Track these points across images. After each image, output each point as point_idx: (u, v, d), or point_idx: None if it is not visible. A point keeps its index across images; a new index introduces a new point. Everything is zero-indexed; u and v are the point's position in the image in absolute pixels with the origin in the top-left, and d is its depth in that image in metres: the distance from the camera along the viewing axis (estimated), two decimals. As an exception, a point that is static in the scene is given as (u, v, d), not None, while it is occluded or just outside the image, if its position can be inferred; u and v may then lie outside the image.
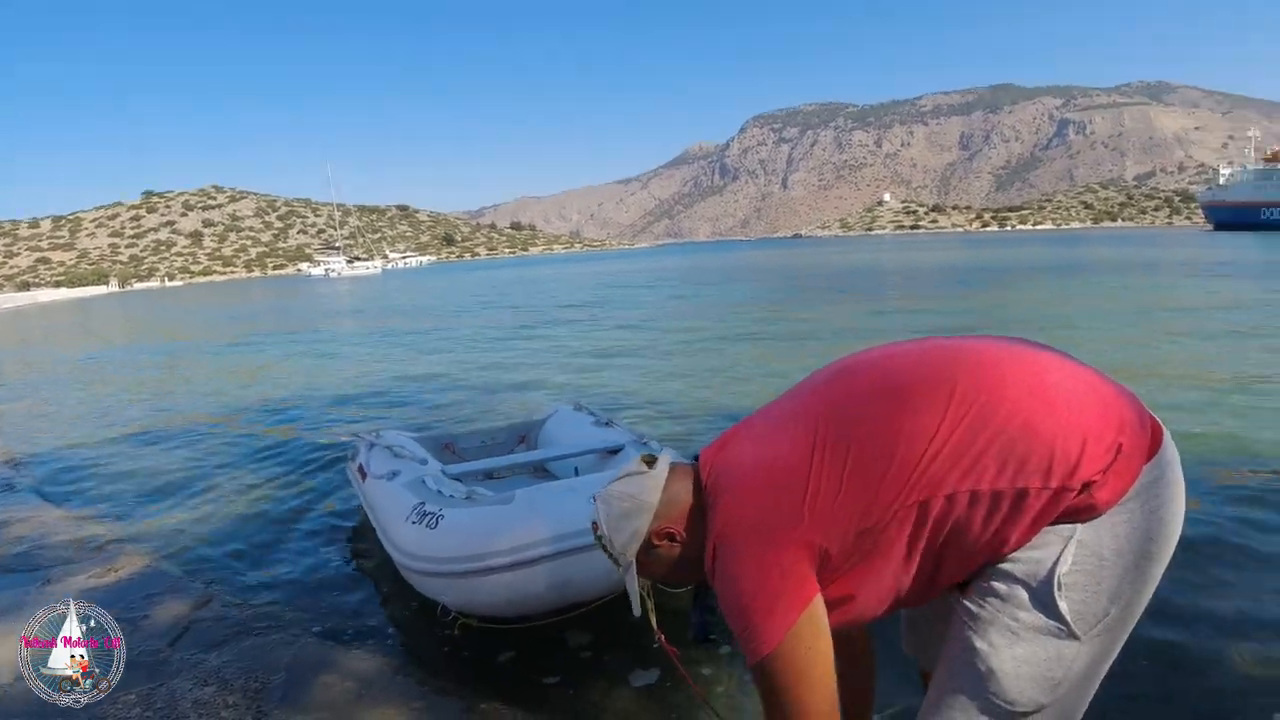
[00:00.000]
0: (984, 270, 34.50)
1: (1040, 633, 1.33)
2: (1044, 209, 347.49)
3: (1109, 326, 13.58)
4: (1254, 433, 6.24)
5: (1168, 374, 8.96)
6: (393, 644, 3.44)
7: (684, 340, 14.06)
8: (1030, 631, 1.33)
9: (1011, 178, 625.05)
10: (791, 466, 1.36)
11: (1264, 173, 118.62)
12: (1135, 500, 1.33)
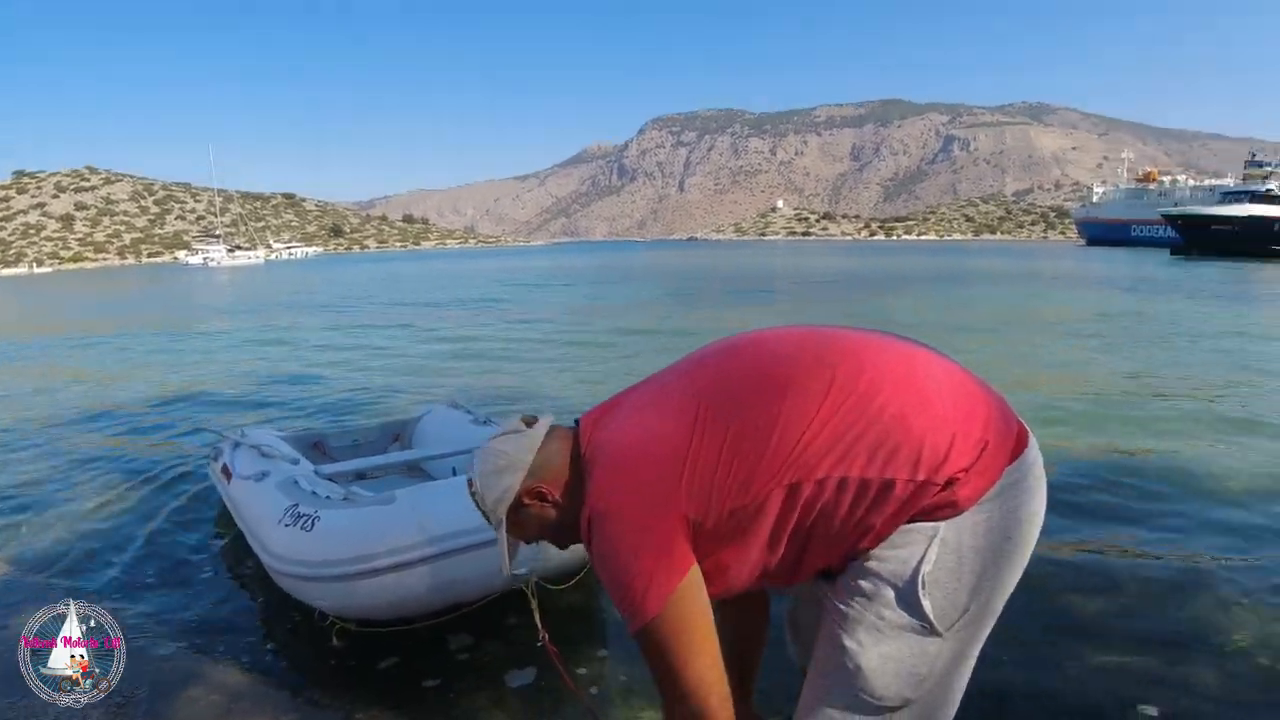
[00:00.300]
0: (872, 277, 35.68)
1: (905, 630, 1.35)
2: (928, 220, 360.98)
3: (984, 333, 14.17)
4: (1108, 436, 6.59)
5: (1033, 380, 9.38)
6: (264, 653, 3.27)
7: (576, 338, 13.98)
8: (895, 629, 1.35)
9: (899, 189, 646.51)
10: (670, 441, 1.37)
11: (1135, 192, 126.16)
12: (995, 500, 1.35)
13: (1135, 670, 3.05)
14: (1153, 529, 4.57)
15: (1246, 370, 10.38)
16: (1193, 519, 4.72)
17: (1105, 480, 5.46)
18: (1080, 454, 6.14)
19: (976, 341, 13.01)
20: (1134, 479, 5.52)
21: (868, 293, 26.10)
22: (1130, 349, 12.49)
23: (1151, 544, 4.33)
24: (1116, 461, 6.01)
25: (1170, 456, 6.13)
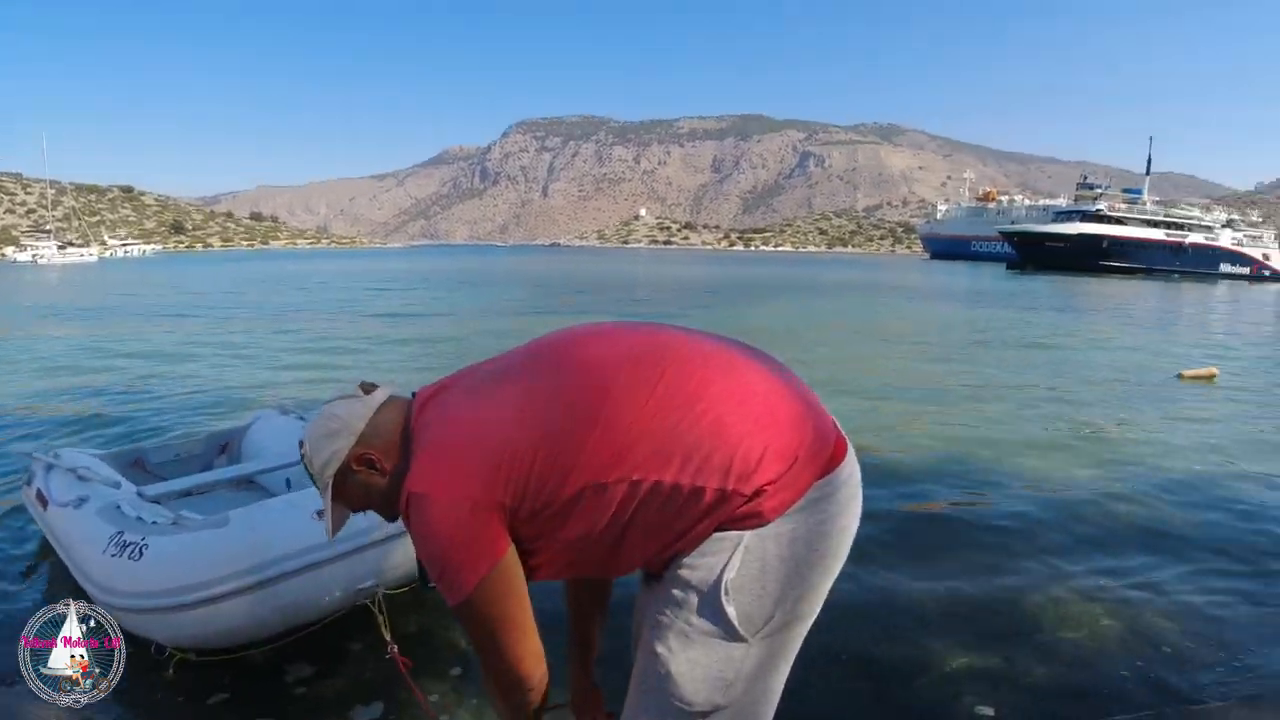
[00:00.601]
0: (733, 285, 36.52)
1: (711, 636, 1.39)
2: (785, 232, 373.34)
3: (833, 342, 14.71)
4: (946, 442, 6.89)
5: (870, 385, 9.76)
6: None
7: (426, 342, 13.74)
8: (702, 635, 1.39)
9: (757, 202, 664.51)
10: (493, 429, 1.39)
11: (975, 210, 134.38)
12: (802, 512, 1.39)
13: (971, 671, 3.18)
14: (984, 530, 4.80)
15: (1064, 376, 11.11)
16: (1022, 519, 4.99)
17: (939, 483, 5.75)
18: (928, 460, 6.43)
19: (825, 350, 13.47)
20: (966, 482, 5.84)
21: (729, 301, 26.71)
22: (965, 358, 13.21)
23: (984, 545, 4.56)
24: (949, 465, 6.31)
25: (999, 461, 6.46)
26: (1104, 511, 5.27)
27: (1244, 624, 3.72)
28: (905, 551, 4.46)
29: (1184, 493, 5.87)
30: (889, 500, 5.32)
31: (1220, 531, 4.98)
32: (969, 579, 4.11)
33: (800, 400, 1.48)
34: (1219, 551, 4.63)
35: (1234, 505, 5.58)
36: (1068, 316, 23.67)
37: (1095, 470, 6.36)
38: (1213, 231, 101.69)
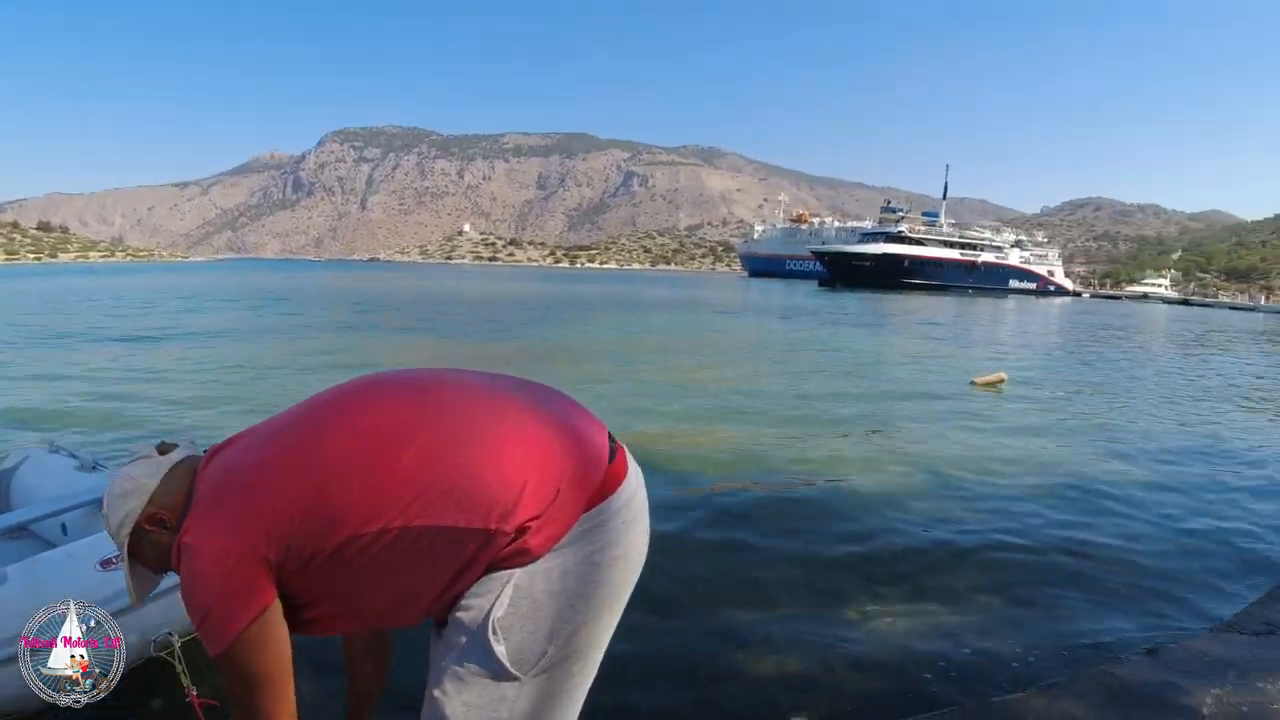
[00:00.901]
0: (559, 303, 36.43)
1: (483, 676, 1.40)
2: (610, 250, 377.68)
3: (654, 355, 14.93)
4: (760, 455, 7.14)
5: (687, 397, 10.09)
6: None
7: (225, 368, 12.67)
8: (474, 676, 1.41)
9: (583, 219, 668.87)
10: (260, 482, 1.40)
11: (789, 231, 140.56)
12: (571, 546, 1.41)
13: (783, 677, 3.29)
14: (786, 535, 4.98)
15: (867, 386, 11.67)
16: (823, 524, 5.21)
17: (746, 489, 5.90)
18: (734, 466, 6.62)
19: (649, 365, 13.64)
20: (769, 488, 6.01)
21: (557, 318, 26.67)
22: (777, 370, 13.74)
23: (787, 551, 4.72)
24: (753, 471, 6.53)
25: (799, 466, 6.71)
26: (899, 514, 5.59)
27: (1036, 616, 4.02)
28: (712, 560, 4.57)
29: (973, 492, 6.33)
30: (699, 509, 5.46)
31: (1007, 528, 5.37)
32: (776, 585, 4.25)
33: (566, 432, 1.49)
34: (1007, 547, 5.00)
35: (1018, 502, 6.05)
36: (873, 330, 25.12)
37: (891, 474, 6.76)
38: (1003, 251, 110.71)
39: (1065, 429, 9.48)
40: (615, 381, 12.02)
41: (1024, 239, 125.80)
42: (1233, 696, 2.71)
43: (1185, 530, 5.66)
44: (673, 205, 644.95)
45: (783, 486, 6.27)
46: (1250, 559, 5.09)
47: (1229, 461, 8.10)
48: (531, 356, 15.52)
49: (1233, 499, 6.61)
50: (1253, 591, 4.17)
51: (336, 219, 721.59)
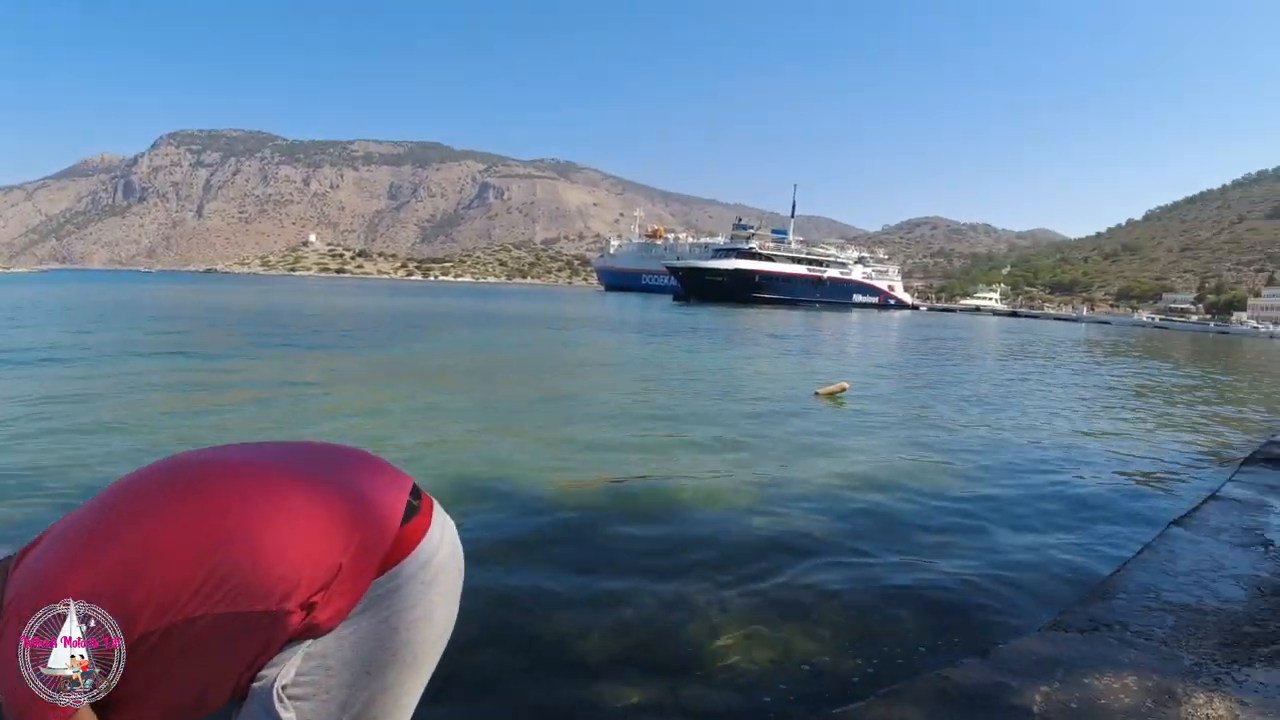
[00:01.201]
0: (410, 318, 35.49)
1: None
2: (465, 263, 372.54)
3: (512, 371, 14.75)
4: (613, 469, 7.12)
5: (543, 414, 10.01)
6: None
7: (50, 404, 11.86)
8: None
9: (436, 231, 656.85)
10: (52, 581, 1.36)
11: (645, 246, 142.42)
12: (364, 613, 1.42)
13: (641, 706, 3.24)
14: (639, 557, 4.93)
15: (717, 398, 11.85)
16: (670, 540, 5.20)
17: (601, 511, 5.83)
18: (594, 493, 6.56)
19: (498, 381, 13.45)
20: (615, 507, 5.95)
21: (409, 334, 25.91)
22: (632, 386, 13.77)
23: (639, 570, 4.68)
24: (603, 494, 6.49)
25: (648, 484, 6.69)
26: (743, 528, 5.64)
27: (875, 623, 4.10)
28: (557, 581, 4.50)
29: (813, 503, 6.45)
30: (546, 528, 5.40)
31: (847, 537, 5.50)
32: (621, 608, 4.20)
33: (349, 501, 1.48)
34: (848, 555, 5.11)
35: (856, 511, 6.21)
36: (725, 344, 25.60)
37: (735, 488, 6.81)
38: (847, 267, 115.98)
39: (901, 437, 9.87)
40: (462, 396, 11.78)
41: (867, 256, 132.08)
42: (1060, 694, 2.82)
43: (1015, 532, 5.94)
44: (529, 218, 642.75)
45: (630, 505, 6.23)
46: (1075, 559, 5.39)
47: (1054, 465, 8.61)
48: (378, 375, 15.00)
49: (1057, 501, 7.01)
50: (1078, 590, 4.39)
51: (171, 227, 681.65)
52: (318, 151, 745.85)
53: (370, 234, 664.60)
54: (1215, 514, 5.36)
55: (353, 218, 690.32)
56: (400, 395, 11.35)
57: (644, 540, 5.26)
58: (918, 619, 4.21)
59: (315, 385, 12.15)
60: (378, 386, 12.60)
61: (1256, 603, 3.74)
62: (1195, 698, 2.79)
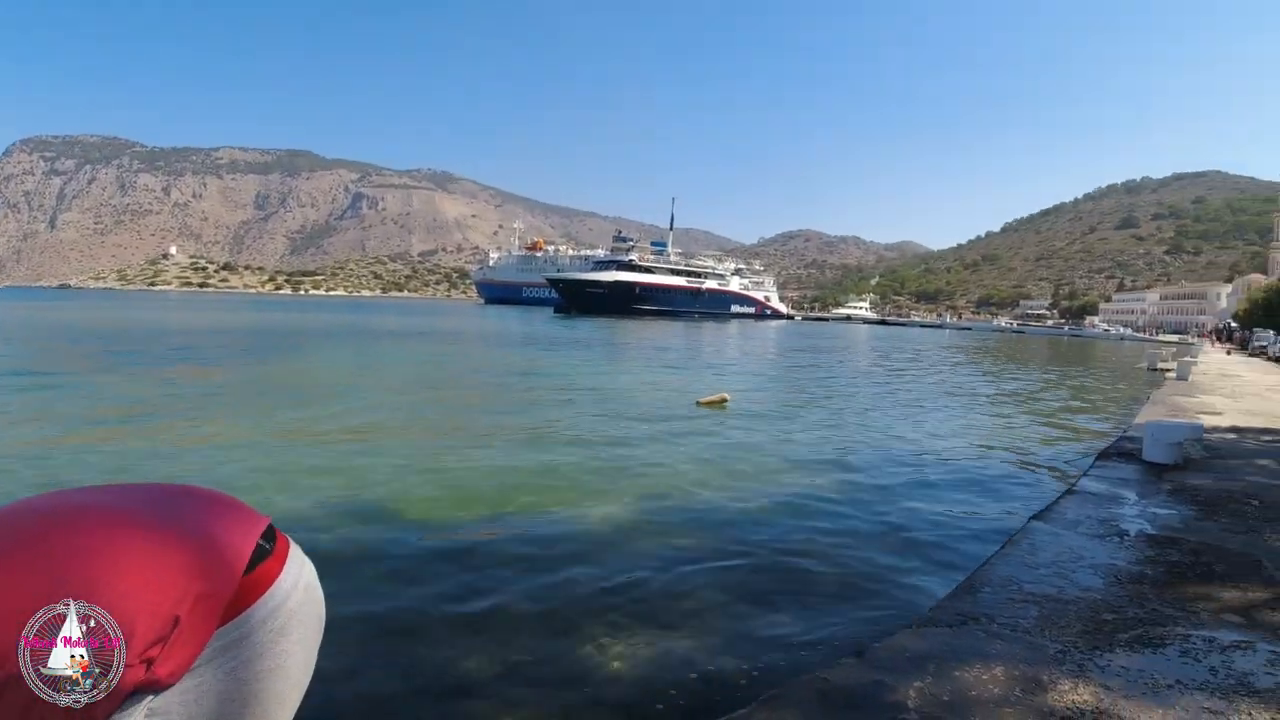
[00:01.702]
0: (279, 333, 34.20)
1: None
2: (338, 276, 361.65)
3: (387, 392, 14.39)
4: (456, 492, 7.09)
5: (417, 435, 9.79)
6: None
7: None
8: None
9: (307, 243, 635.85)
10: None
11: (525, 258, 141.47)
12: (209, 665, 1.35)
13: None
14: (527, 577, 4.88)
15: (600, 410, 11.90)
16: (563, 558, 5.16)
17: (488, 533, 5.79)
18: (481, 514, 6.46)
19: (374, 404, 13.10)
20: (517, 530, 5.91)
21: (276, 351, 24.95)
22: (513, 401, 13.66)
23: (525, 591, 4.62)
24: (474, 511, 6.42)
25: (545, 503, 6.70)
26: (630, 541, 5.66)
27: (760, 629, 4.13)
28: (446, 605, 4.41)
29: (698, 512, 6.53)
30: (433, 552, 5.31)
31: (731, 544, 5.57)
32: (510, 629, 4.15)
33: (189, 547, 1.40)
34: (732, 562, 5.16)
35: (740, 518, 6.30)
36: (607, 356, 25.63)
37: (622, 501, 6.84)
38: (725, 279, 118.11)
39: (780, 443, 10.07)
40: (331, 420, 11.41)
41: (744, 268, 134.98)
42: (934, 688, 2.87)
43: (888, 532, 6.13)
44: (405, 230, 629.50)
45: (510, 524, 6.17)
46: (946, 554, 5.58)
47: (922, 466, 8.93)
48: (240, 399, 14.39)
49: (926, 500, 7.26)
50: (948, 585, 4.51)
51: (22, 240, 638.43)
52: (180, 159, 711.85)
53: (236, 246, 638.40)
54: (1073, 507, 5.62)
55: (217, 229, 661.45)
56: (263, 421, 10.81)
57: (525, 558, 5.20)
58: (797, 618, 4.29)
59: (168, 411, 11.54)
60: (239, 412, 11.99)
61: (1114, 590, 3.92)
62: (1061, 684, 2.89)
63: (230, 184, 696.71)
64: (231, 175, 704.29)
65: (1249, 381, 19.69)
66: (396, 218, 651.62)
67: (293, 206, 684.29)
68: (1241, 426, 10.48)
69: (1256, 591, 3.95)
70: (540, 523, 6.10)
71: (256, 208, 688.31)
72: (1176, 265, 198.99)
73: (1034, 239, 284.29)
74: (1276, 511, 5.62)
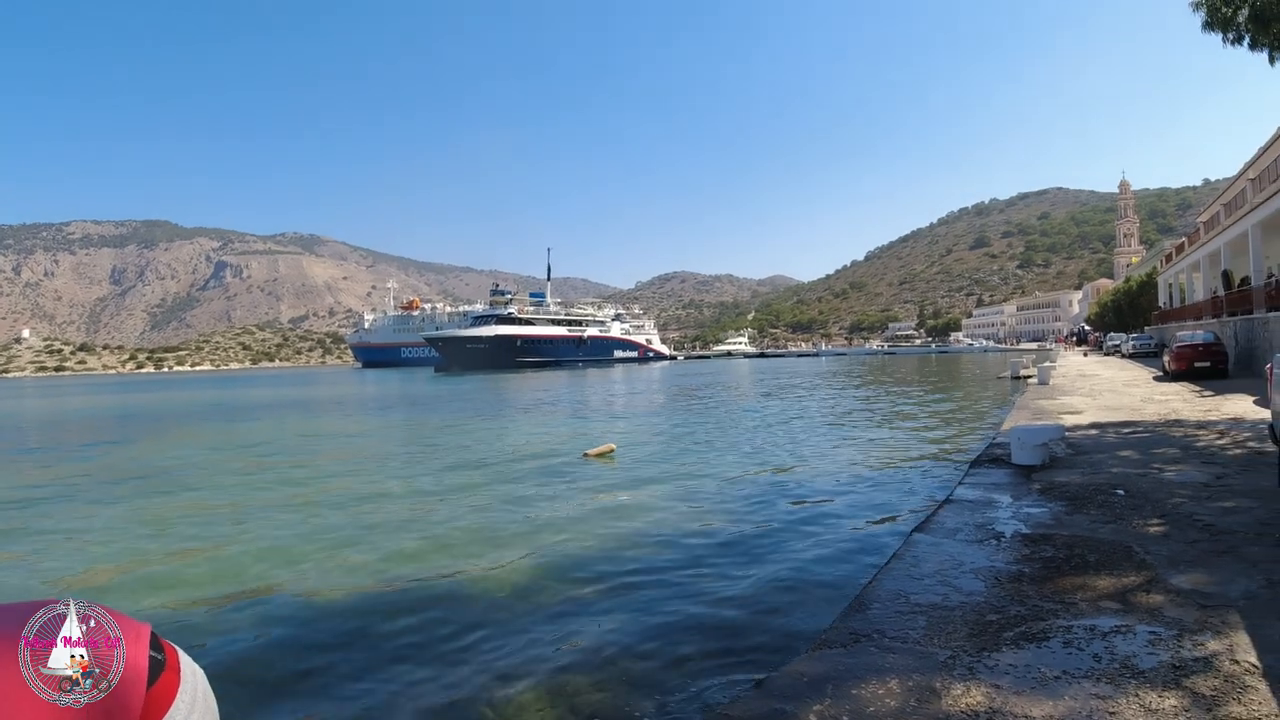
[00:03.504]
0: (139, 416, 32.44)
1: None
2: (203, 349, 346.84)
3: (264, 473, 13.77)
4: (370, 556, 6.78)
5: (292, 513, 9.36)
6: None
7: None
8: None
9: (168, 316, 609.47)
10: None
11: (402, 318, 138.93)
12: None
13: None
14: (417, 646, 4.74)
15: (484, 469, 11.80)
16: (456, 627, 5.03)
17: (368, 614, 5.63)
18: (368, 590, 6.18)
19: (244, 484, 12.54)
20: (391, 602, 5.78)
21: (132, 436, 23.64)
22: (393, 469, 13.27)
23: (421, 662, 4.49)
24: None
25: (425, 570, 6.55)
26: (519, 595, 5.60)
27: (657, 671, 4.04)
28: (344, 694, 4.25)
29: (592, 559, 6.49)
30: (315, 642, 5.16)
31: (626, 592, 5.51)
32: (411, 701, 4.02)
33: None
34: (633, 601, 5.12)
35: (633, 566, 6.25)
36: (492, 413, 25.23)
37: (511, 557, 6.75)
38: (606, 325, 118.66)
39: (669, 486, 10.05)
40: (199, 507, 10.86)
41: (623, 313, 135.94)
42: (833, 709, 2.84)
43: (779, 558, 6.16)
44: (273, 296, 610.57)
45: (400, 597, 5.98)
46: (835, 577, 5.61)
47: (808, 492, 9.05)
48: (103, 490, 13.57)
49: (816, 523, 7.35)
50: (837, 606, 4.51)
51: None
52: (29, 235, 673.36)
53: (93, 325, 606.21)
54: (950, 516, 5.75)
55: (71, 308, 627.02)
56: (124, 513, 10.16)
57: (418, 630, 5.03)
58: (699, 654, 4.27)
59: (20, 509, 10.79)
60: (102, 504, 11.32)
61: (995, 591, 3.99)
62: (953, 689, 2.89)
63: (84, 259, 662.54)
64: (85, 250, 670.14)
65: (1105, 379, 20.87)
66: (263, 285, 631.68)
67: (151, 279, 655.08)
68: (1102, 422, 11.03)
69: (1130, 576, 4.09)
70: (427, 592, 5.92)
71: (113, 283, 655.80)
72: (1029, 278, 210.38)
73: (896, 264, 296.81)
74: (1142, 499, 5.88)
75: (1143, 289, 53.32)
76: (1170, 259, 41.56)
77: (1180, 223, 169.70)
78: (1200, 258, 30.73)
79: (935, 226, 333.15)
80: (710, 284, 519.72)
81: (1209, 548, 4.49)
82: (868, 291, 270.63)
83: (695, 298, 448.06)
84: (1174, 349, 19.78)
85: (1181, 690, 2.79)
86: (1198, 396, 14.21)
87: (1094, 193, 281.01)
